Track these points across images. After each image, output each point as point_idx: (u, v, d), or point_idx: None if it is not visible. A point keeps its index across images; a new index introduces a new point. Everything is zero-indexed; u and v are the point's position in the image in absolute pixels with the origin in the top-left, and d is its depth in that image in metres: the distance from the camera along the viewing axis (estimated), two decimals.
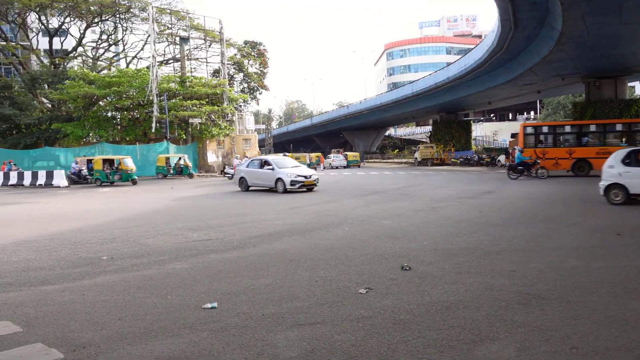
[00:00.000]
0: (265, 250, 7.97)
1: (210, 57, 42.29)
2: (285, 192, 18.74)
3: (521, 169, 22.65)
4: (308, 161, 40.98)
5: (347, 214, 12.33)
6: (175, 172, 32.71)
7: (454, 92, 42.78)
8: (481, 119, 78.46)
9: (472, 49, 36.15)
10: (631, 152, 12.36)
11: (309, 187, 19.28)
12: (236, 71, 52.92)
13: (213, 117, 36.75)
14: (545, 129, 25.85)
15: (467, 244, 7.99)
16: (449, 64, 42.65)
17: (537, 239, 8.35)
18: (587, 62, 28.31)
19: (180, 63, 40.55)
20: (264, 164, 20.16)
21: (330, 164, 47.28)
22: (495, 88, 38.30)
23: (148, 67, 38.31)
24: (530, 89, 38.80)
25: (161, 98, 34.34)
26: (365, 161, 64.93)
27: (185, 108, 34.77)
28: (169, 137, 34.43)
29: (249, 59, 54.23)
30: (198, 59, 44.30)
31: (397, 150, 77.02)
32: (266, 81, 56.20)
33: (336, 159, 48.21)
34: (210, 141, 37.84)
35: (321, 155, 49.52)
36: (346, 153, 52.14)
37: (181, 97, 36.24)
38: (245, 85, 54.97)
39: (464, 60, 37.00)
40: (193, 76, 39.09)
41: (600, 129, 24.53)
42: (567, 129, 25.53)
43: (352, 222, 10.74)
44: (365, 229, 9.88)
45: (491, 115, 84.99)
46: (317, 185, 19.78)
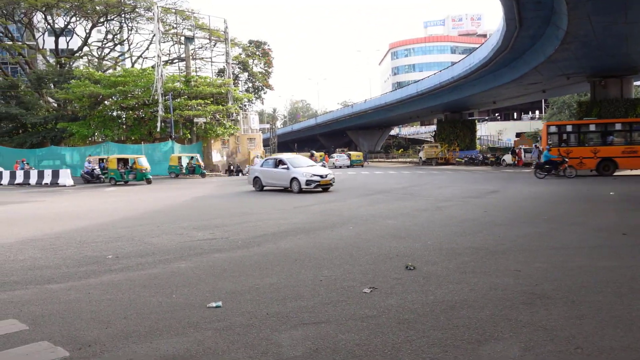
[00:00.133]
0: (269, 250, 7.98)
1: (215, 57, 42.44)
2: (301, 192, 18.03)
3: (548, 167, 22.08)
4: None
5: (352, 213, 12.33)
6: (187, 172, 32.85)
7: (458, 91, 42.68)
8: (486, 118, 78.26)
9: (477, 48, 36.04)
10: None
11: (325, 187, 18.48)
12: (241, 71, 52.96)
13: (218, 116, 36.82)
14: (569, 128, 25.23)
15: (471, 244, 7.98)
16: (453, 64, 42.57)
17: (541, 239, 8.32)
18: (593, 61, 28.19)
19: (185, 62, 40.62)
20: (278, 163, 19.53)
21: (333, 163, 47.52)
22: (500, 87, 38.19)
23: (153, 67, 38.45)
24: (535, 88, 38.66)
25: (166, 97, 34.42)
26: (370, 161, 64.91)
27: (190, 107, 34.85)
28: (174, 136, 34.51)
29: (253, 58, 54.26)
30: (203, 58, 44.47)
31: (402, 150, 76.98)
32: (271, 81, 56.23)
33: (339, 158, 48.58)
34: (215, 141, 37.90)
35: (325, 154, 49.57)
36: (349, 153, 52.25)
37: (186, 96, 36.32)
38: (250, 85, 55.01)
39: (468, 60, 36.90)
40: (198, 76, 39.20)
41: (626, 127, 24.05)
42: (591, 127, 24.84)
43: (356, 222, 10.74)
44: (369, 228, 9.87)
45: (496, 114, 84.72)
46: (333, 185, 19.02)
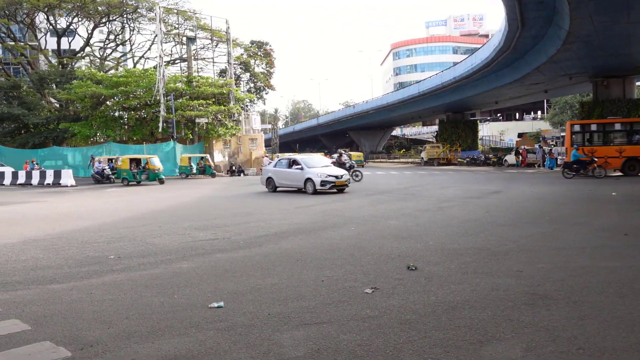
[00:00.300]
0: (271, 250, 7.99)
1: (216, 57, 42.46)
2: (315, 193, 17.55)
3: (577, 167, 21.70)
4: None
5: (353, 213, 12.33)
6: (198, 172, 32.90)
7: (460, 91, 42.64)
8: (488, 118, 78.15)
9: (479, 48, 36.02)
10: None
11: (340, 188, 17.94)
12: (243, 71, 52.96)
13: (220, 116, 36.82)
14: (593, 127, 24.90)
15: (473, 244, 7.97)
16: (455, 64, 42.51)
17: (543, 239, 8.31)
18: (595, 61, 28.14)
19: (187, 63, 40.67)
20: (292, 163, 19.05)
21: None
22: (502, 88, 38.15)
23: (155, 67, 38.44)
24: (537, 88, 38.61)
25: (168, 98, 34.44)
26: (372, 161, 64.85)
27: (192, 108, 34.87)
28: (175, 136, 34.55)
29: (255, 58, 54.25)
30: (205, 58, 44.43)
31: (404, 150, 76.90)
32: (272, 81, 56.23)
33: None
34: (216, 141, 37.92)
35: (327, 154, 49.52)
36: (350, 153, 52.24)
37: (188, 97, 36.34)
38: (252, 85, 55.01)
39: (470, 60, 36.87)
40: (200, 76, 39.19)
41: None
42: (617, 126, 24.49)
43: (358, 222, 10.74)
44: (371, 228, 9.87)
45: (498, 114, 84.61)
46: (349, 186, 18.50)
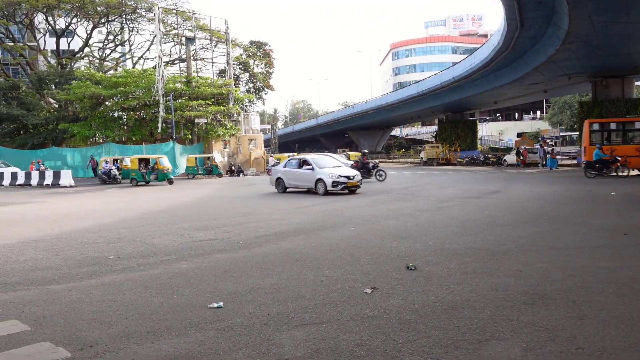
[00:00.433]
0: (271, 250, 7.99)
1: (216, 58, 42.39)
2: (327, 194, 17.25)
3: (599, 167, 21.30)
4: None
5: (353, 213, 12.33)
6: (204, 172, 32.91)
7: (459, 91, 42.65)
8: (487, 118, 78.19)
9: (478, 48, 36.02)
10: None
11: (352, 189, 17.58)
12: (242, 71, 52.97)
13: (219, 117, 36.81)
14: (612, 126, 24.59)
15: (472, 244, 7.97)
16: (454, 64, 42.53)
17: (543, 239, 8.31)
18: (594, 61, 28.16)
19: (186, 63, 40.63)
20: (302, 163, 18.77)
21: None
22: (501, 87, 38.16)
23: (154, 68, 38.46)
24: (537, 88, 38.63)
25: (167, 98, 34.43)
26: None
27: (191, 108, 34.85)
28: (175, 137, 34.54)
29: (254, 59, 54.25)
30: (204, 59, 44.45)
31: (403, 150, 76.93)
32: (272, 81, 56.25)
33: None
34: (216, 141, 37.90)
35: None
36: (348, 153, 52.27)
37: (187, 97, 36.31)
38: (251, 85, 55.02)
39: (469, 60, 36.88)
40: (199, 76, 39.18)
41: None
42: (637, 125, 24.14)
43: (357, 222, 10.74)
44: (370, 228, 9.87)
45: (497, 114, 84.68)
46: (361, 187, 18.16)
